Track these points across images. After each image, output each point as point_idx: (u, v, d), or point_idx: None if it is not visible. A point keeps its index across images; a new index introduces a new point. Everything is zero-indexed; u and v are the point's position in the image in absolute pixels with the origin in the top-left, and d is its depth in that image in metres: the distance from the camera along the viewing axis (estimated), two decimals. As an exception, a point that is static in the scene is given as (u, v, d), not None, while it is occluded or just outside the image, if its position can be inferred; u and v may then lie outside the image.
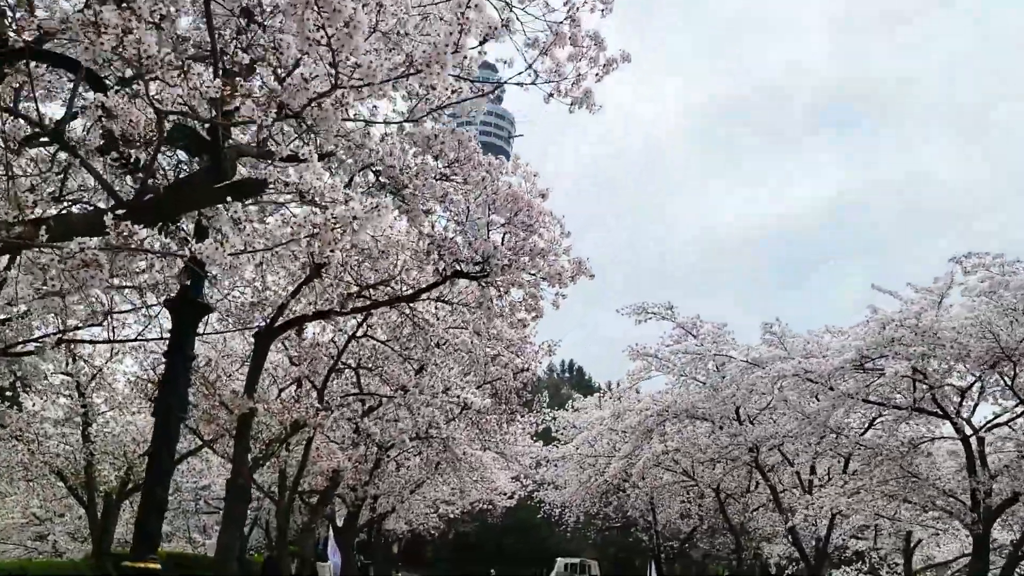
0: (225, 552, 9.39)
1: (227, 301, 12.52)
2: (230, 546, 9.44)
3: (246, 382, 9.66)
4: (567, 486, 35.92)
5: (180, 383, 6.14)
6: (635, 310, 21.64)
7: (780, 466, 24.26)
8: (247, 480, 9.44)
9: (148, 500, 6.19)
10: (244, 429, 9.53)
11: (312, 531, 15.01)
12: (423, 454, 21.74)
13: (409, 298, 10.09)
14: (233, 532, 9.46)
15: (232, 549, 9.52)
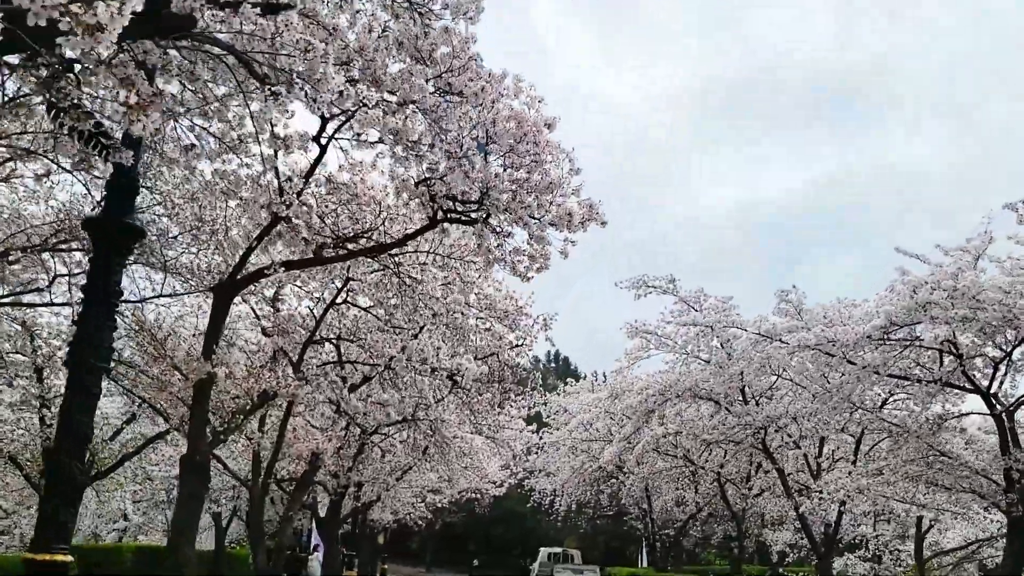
0: (179, 535, 8.04)
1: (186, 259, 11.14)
2: (185, 529, 8.09)
3: (204, 343, 8.30)
4: (559, 473, 34.74)
5: (101, 327, 4.76)
6: (635, 284, 20.35)
7: (784, 448, 23.09)
8: (205, 456, 8.10)
9: (55, 477, 4.82)
10: (201, 398, 8.18)
11: (290, 520, 13.65)
12: (410, 438, 20.37)
13: (394, 246, 8.74)
14: (189, 513, 8.11)
15: (187, 532, 8.18)
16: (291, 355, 12.94)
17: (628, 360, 22.64)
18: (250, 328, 16.51)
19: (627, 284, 20.37)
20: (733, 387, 19.71)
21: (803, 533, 23.34)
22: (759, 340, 17.00)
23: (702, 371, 20.17)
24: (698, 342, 21.32)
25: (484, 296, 15.41)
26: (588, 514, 45.85)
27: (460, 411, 18.41)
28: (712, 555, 61.31)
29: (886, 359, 13.58)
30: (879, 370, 13.89)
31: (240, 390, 8.69)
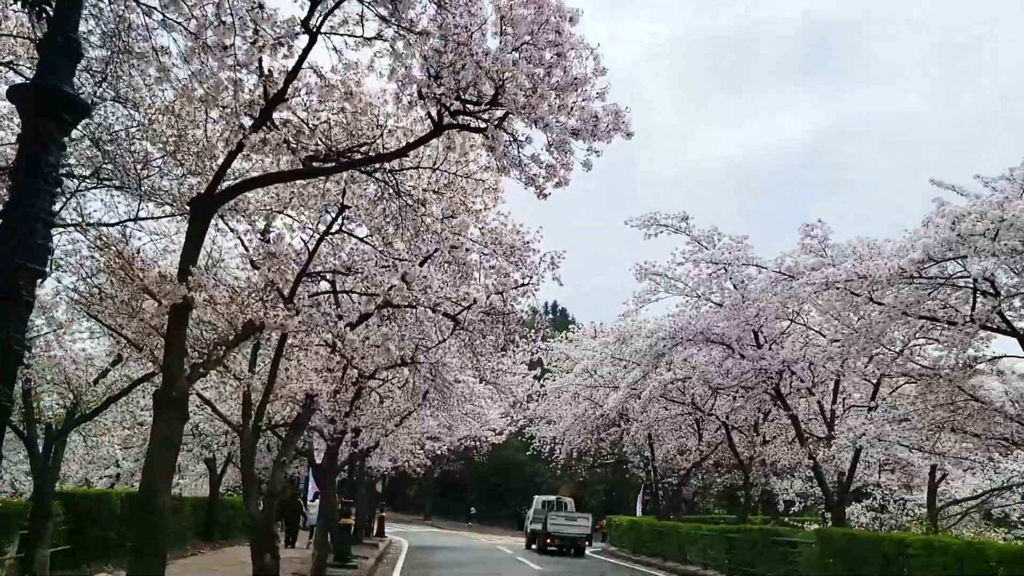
0: (152, 482, 7.18)
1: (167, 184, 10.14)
2: (159, 475, 7.22)
3: (179, 264, 7.35)
4: (560, 420, 34.14)
5: (33, 219, 3.81)
6: (645, 222, 19.37)
7: (795, 395, 22.34)
8: (182, 392, 7.20)
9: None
10: (177, 325, 7.26)
11: (283, 465, 12.87)
12: (409, 382, 19.56)
13: (392, 156, 7.74)
14: (163, 457, 7.23)
15: (161, 479, 7.30)
16: (283, 290, 12.01)
17: (636, 304, 21.75)
18: (241, 268, 15.56)
19: (637, 223, 19.39)
20: (747, 330, 18.88)
21: (814, 482, 22.77)
22: (779, 279, 16.10)
23: (715, 314, 19.32)
24: (710, 284, 20.42)
25: (490, 230, 14.45)
26: (588, 462, 45.50)
27: (462, 354, 17.56)
28: (711, 505, 61.36)
29: (919, 298, 12.69)
30: (909, 310, 13.02)
31: (222, 319, 7.79)
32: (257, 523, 12.65)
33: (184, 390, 7.23)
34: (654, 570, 27.73)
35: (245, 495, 12.92)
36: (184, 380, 7.24)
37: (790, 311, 17.67)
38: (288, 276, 11.96)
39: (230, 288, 9.42)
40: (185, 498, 26.16)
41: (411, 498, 76.53)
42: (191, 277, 7.02)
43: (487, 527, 64.58)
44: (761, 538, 21.78)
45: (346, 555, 22.20)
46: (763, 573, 21.46)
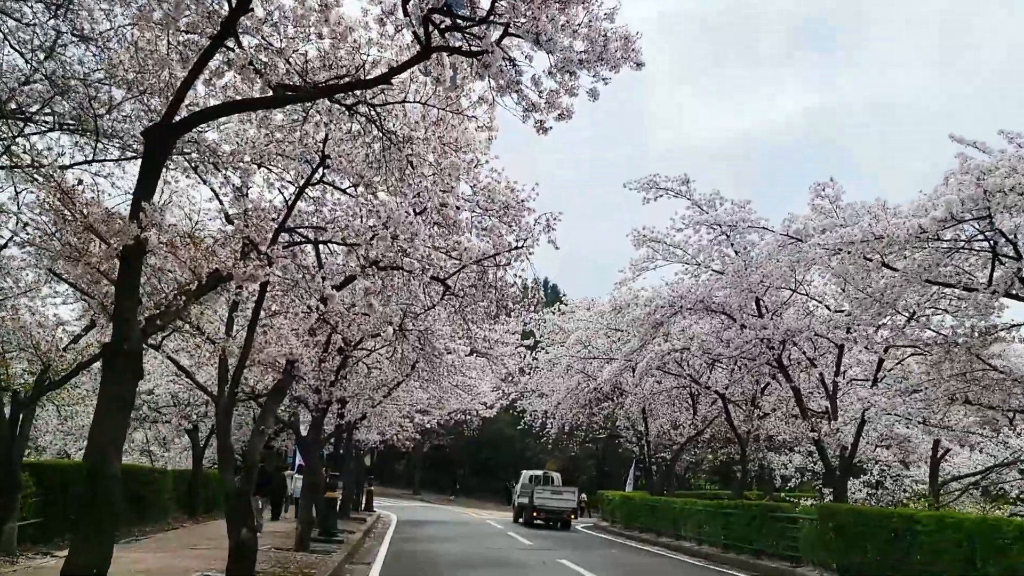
0: (101, 450, 6.37)
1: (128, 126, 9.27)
2: (108, 442, 6.42)
3: (132, 201, 6.49)
4: (553, 394, 33.48)
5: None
6: (645, 185, 18.54)
7: (795, 367, 21.65)
8: (135, 346, 6.39)
9: None
10: (129, 270, 6.43)
11: (261, 434, 12.11)
12: (397, 352, 18.77)
13: (374, 82, 6.88)
14: (115, 421, 6.43)
15: (111, 446, 6.50)
16: (259, 246, 11.18)
17: (632, 272, 20.95)
18: (220, 231, 14.68)
19: (637, 185, 18.56)
20: (749, 299, 18.12)
21: (813, 457, 22.19)
22: (786, 243, 15.33)
23: (715, 282, 18.53)
24: (710, 251, 19.63)
25: (482, 188, 13.65)
26: (580, 437, 45.00)
27: (452, 321, 16.77)
28: (703, 480, 61.09)
29: (937, 261, 11.94)
30: (926, 275, 12.27)
31: (183, 267, 6.98)
32: (234, 495, 11.89)
33: (138, 343, 6.42)
34: (647, 545, 27.21)
35: (221, 466, 12.16)
36: (138, 332, 6.43)
37: (796, 278, 16.88)
38: (265, 233, 11.13)
39: (193, 233, 8.58)
40: (167, 471, 25.41)
41: (400, 472, 76.12)
42: (144, 215, 6.19)
43: (476, 501, 64.25)
44: (759, 513, 21.19)
45: (332, 529, 21.53)
46: (761, 549, 20.89)
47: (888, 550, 15.48)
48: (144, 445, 32.02)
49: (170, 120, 6.64)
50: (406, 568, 17.17)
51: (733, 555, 22.03)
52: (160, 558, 15.01)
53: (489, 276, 15.55)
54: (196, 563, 14.35)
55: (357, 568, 17.09)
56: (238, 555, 11.67)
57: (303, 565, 15.17)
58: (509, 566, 18.43)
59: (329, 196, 12.07)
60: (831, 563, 17.90)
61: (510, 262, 15.23)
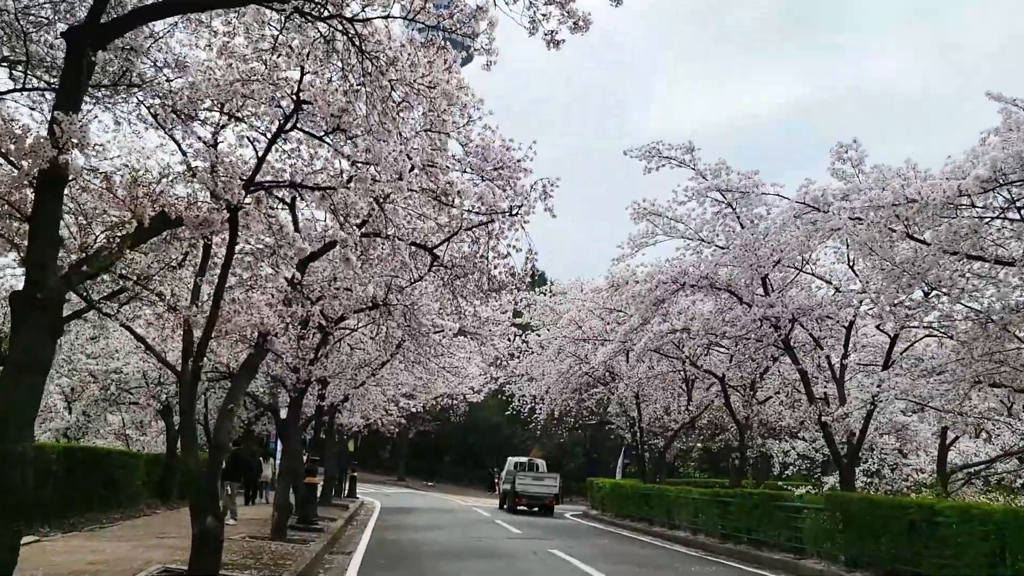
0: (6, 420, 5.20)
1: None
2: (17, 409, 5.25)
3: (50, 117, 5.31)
4: (543, 377, 32.37)
5: None
6: (646, 153, 17.40)
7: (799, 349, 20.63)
8: (55, 296, 5.21)
9: None
10: (46, 203, 5.26)
11: (230, 413, 10.95)
12: (381, 330, 17.61)
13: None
14: (24, 385, 5.27)
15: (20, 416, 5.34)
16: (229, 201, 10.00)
17: (631, 247, 19.81)
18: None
19: (638, 153, 17.43)
20: (755, 276, 17.02)
21: (817, 444, 21.23)
22: (802, 211, 14.21)
23: (723, 255, 17.39)
24: (714, 225, 18.54)
25: (475, 146, 12.51)
26: (569, 423, 44.00)
27: (441, 295, 15.61)
28: (692, 469, 60.30)
29: (975, 228, 10.88)
30: (960, 245, 11.21)
31: (120, 205, 5.82)
32: (196, 480, 10.74)
33: (58, 293, 5.27)
34: (640, 535, 26.23)
35: (184, 447, 11.01)
36: (58, 279, 5.28)
37: (812, 248, 15.74)
38: (233, 188, 9.94)
39: (134, 168, 7.38)
40: (139, 454, 24.19)
41: (385, 459, 75.02)
42: (58, 128, 5.01)
43: (462, 488, 63.25)
44: (760, 502, 20.20)
45: (311, 516, 20.40)
46: (762, 539, 19.92)
47: (904, 543, 14.50)
48: (120, 429, 30.76)
49: (96, 20, 5.47)
50: (390, 559, 16.07)
51: (731, 545, 21.07)
52: (122, 548, 13.85)
53: (481, 246, 14.47)
54: (160, 554, 13.19)
55: (337, 558, 15.98)
56: (201, 546, 10.53)
57: (277, 556, 14.05)
58: (498, 556, 17.37)
59: (305, 149, 10.89)
60: (838, 555, 16.95)
61: (504, 231, 14.13)
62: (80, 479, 18.36)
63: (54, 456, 16.92)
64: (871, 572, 15.51)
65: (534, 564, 16.26)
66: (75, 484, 18.03)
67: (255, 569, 12.18)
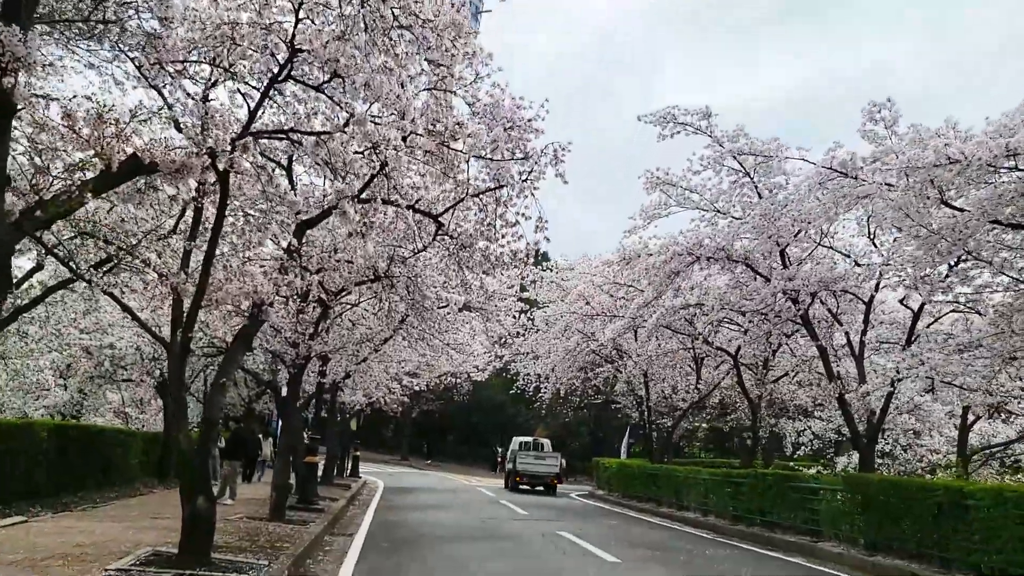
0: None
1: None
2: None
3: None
4: (550, 355, 31.67)
5: None
6: (661, 118, 16.60)
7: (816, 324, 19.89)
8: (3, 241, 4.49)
9: None
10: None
11: (222, 388, 10.28)
12: (384, 302, 16.88)
13: None
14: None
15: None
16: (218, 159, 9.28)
17: (643, 219, 19.02)
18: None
19: (652, 119, 16.63)
20: (774, 248, 16.25)
21: (833, 423, 20.56)
22: (828, 177, 13.41)
23: (740, 227, 16.62)
24: (731, 195, 17.76)
25: (483, 105, 11.73)
26: (574, 402, 43.40)
27: (447, 267, 14.88)
28: (697, 449, 59.80)
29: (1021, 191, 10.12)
30: (1000, 210, 10.46)
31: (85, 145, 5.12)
32: (187, 459, 10.09)
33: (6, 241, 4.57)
34: (648, 516, 25.69)
35: (173, 423, 10.35)
36: (5, 226, 4.59)
37: (835, 220, 14.90)
38: (224, 142, 9.22)
39: (101, 103, 6.63)
40: (136, 432, 23.59)
41: (388, 438, 74.57)
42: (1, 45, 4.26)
43: (465, 467, 62.81)
44: (775, 483, 19.58)
45: (311, 496, 19.82)
46: (776, 521, 19.32)
47: (930, 526, 13.87)
48: (120, 407, 30.20)
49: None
50: (393, 541, 15.46)
51: (743, 527, 20.48)
52: (113, 529, 13.24)
53: (488, 214, 13.75)
54: (152, 535, 12.59)
55: (338, 540, 15.38)
56: (192, 528, 9.91)
57: (275, 537, 13.45)
58: (505, 538, 16.77)
59: (302, 109, 10.14)
60: (857, 538, 16.34)
61: (512, 198, 13.40)
62: (73, 458, 17.77)
63: (44, 434, 16.31)
64: (893, 556, 14.89)
65: (543, 547, 15.66)
66: (67, 463, 17.45)
67: (250, 552, 11.57)
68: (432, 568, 12.32)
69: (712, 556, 15.75)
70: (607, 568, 13.36)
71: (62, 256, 9.33)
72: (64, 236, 12.16)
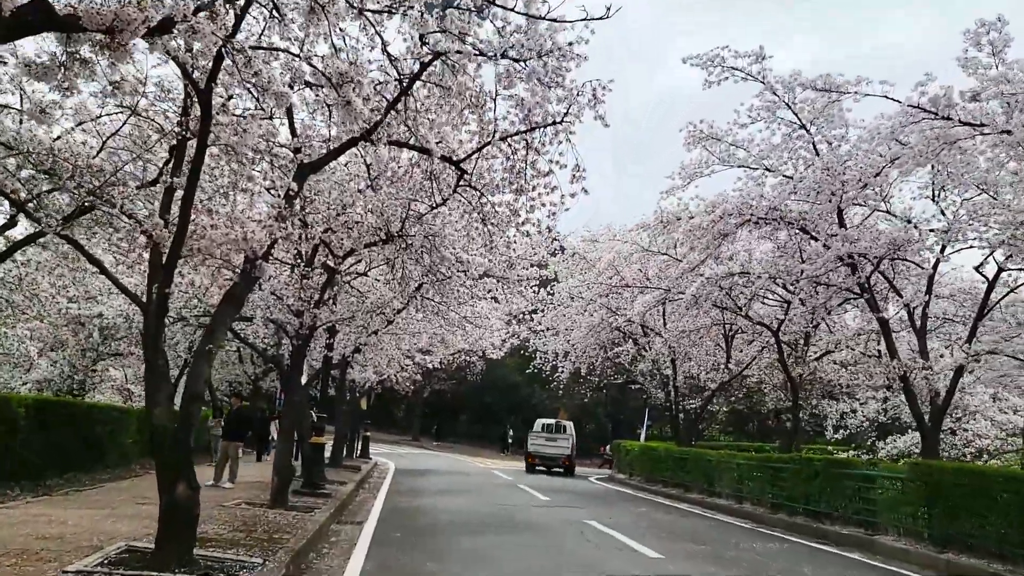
0: None
1: None
2: None
3: None
4: (571, 331, 29.92)
5: None
6: (708, 61, 14.77)
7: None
8: None
9: None
10: None
11: (207, 355, 8.66)
12: (397, 269, 15.15)
13: None
14: None
15: None
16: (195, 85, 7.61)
17: (683, 178, 17.14)
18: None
19: (699, 61, 14.83)
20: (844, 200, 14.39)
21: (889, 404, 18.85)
22: (913, 118, 11.58)
23: (797, 184, 14.72)
24: (783, 151, 15.91)
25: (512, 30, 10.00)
26: (593, 382, 41.80)
27: (468, 224, 13.12)
28: (717, 431, 58.14)
29: None
30: None
31: None
32: (165, 438, 8.47)
33: None
34: (676, 502, 24.08)
35: (148, 397, 8.73)
36: None
37: (923, 164, 13.01)
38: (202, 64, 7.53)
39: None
40: (131, 410, 22.01)
41: (399, 418, 73.23)
42: None
43: (478, 449, 61.36)
44: (822, 470, 17.90)
45: (318, 480, 18.26)
46: (821, 510, 17.68)
47: (1018, 522, 12.19)
48: (123, 384, 28.69)
49: None
50: (406, 531, 13.88)
51: (784, 516, 18.86)
52: (89, 517, 11.69)
53: (517, 161, 12.03)
54: (131, 526, 11.02)
55: (345, 529, 13.81)
56: (169, 520, 8.30)
57: (274, 527, 11.87)
58: (529, 528, 15.17)
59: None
60: (921, 531, 14.69)
61: (545, 143, 11.70)
62: (56, 436, 16.24)
63: (22, 411, 14.75)
64: (968, 554, 13.22)
65: (572, 539, 14.04)
66: (50, 442, 15.92)
67: (244, 546, 9.98)
68: (452, 565, 10.71)
69: (763, 551, 14.11)
70: (649, 565, 11.74)
71: (23, 204, 7.77)
72: (37, 190, 10.60)
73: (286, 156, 10.60)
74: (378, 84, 10.23)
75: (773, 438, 44.39)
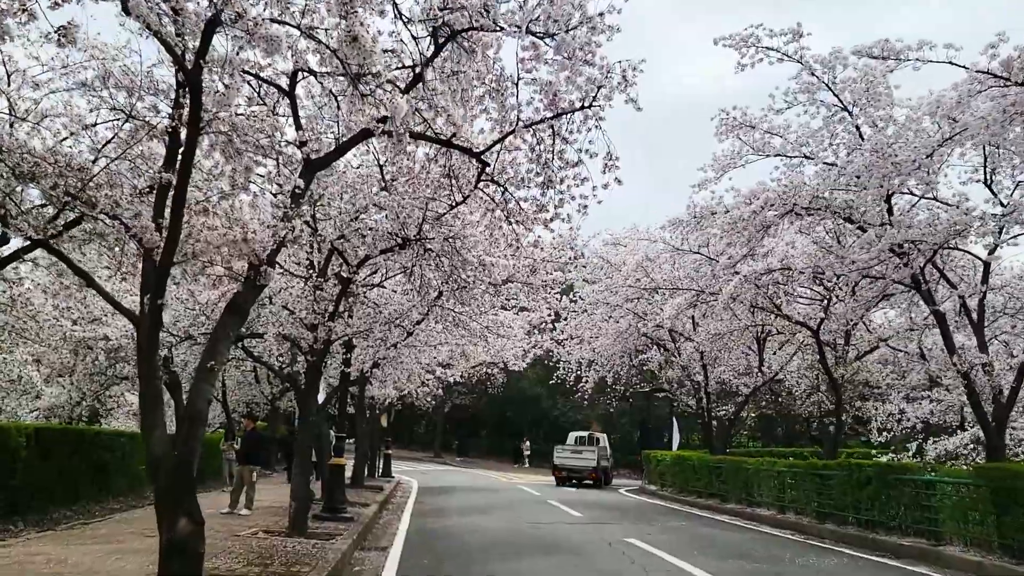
0: None
1: None
2: None
3: None
4: (597, 339, 28.84)
5: None
6: (741, 41, 13.75)
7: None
8: None
9: None
10: None
11: (209, 372, 7.75)
12: (414, 278, 14.15)
13: None
14: None
15: None
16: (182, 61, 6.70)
17: (715, 170, 16.04)
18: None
19: (732, 41, 13.83)
20: (892, 189, 13.34)
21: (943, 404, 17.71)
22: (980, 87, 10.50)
23: (848, 165, 13.55)
24: (823, 135, 14.82)
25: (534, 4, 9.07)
26: (618, 391, 40.68)
27: (491, 223, 12.09)
28: (744, 437, 56.79)
29: None
30: None
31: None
32: (162, 467, 7.53)
33: None
34: (715, 514, 22.93)
35: (144, 422, 7.80)
36: None
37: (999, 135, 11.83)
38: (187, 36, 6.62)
39: None
40: (137, 435, 21.09)
41: (420, 434, 72.23)
42: None
43: (500, 464, 60.14)
44: (876, 476, 16.75)
45: (339, 503, 17.27)
46: (875, 520, 16.53)
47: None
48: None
49: None
50: (434, 556, 12.87)
51: (833, 526, 17.72)
52: (93, 554, 10.76)
53: (543, 151, 11.09)
54: (136, 563, 10.09)
55: (369, 557, 12.83)
56: (170, 561, 7.34)
57: (292, 558, 10.90)
58: (566, 550, 14.11)
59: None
60: (992, 542, 13.51)
61: (573, 130, 10.74)
62: (61, 465, 15.38)
63: (22, 439, 13.87)
64: (1050, 565, 12.08)
65: (614, 560, 12.97)
66: (54, 471, 15.05)
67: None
68: (489, 598, 9.69)
69: (823, 566, 13.00)
70: (705, 590, 10.68)
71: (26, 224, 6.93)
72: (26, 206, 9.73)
73: (292, 154, 9.71)
74: (390, 69, 9.32)
75: (803, 443, 43.10)
